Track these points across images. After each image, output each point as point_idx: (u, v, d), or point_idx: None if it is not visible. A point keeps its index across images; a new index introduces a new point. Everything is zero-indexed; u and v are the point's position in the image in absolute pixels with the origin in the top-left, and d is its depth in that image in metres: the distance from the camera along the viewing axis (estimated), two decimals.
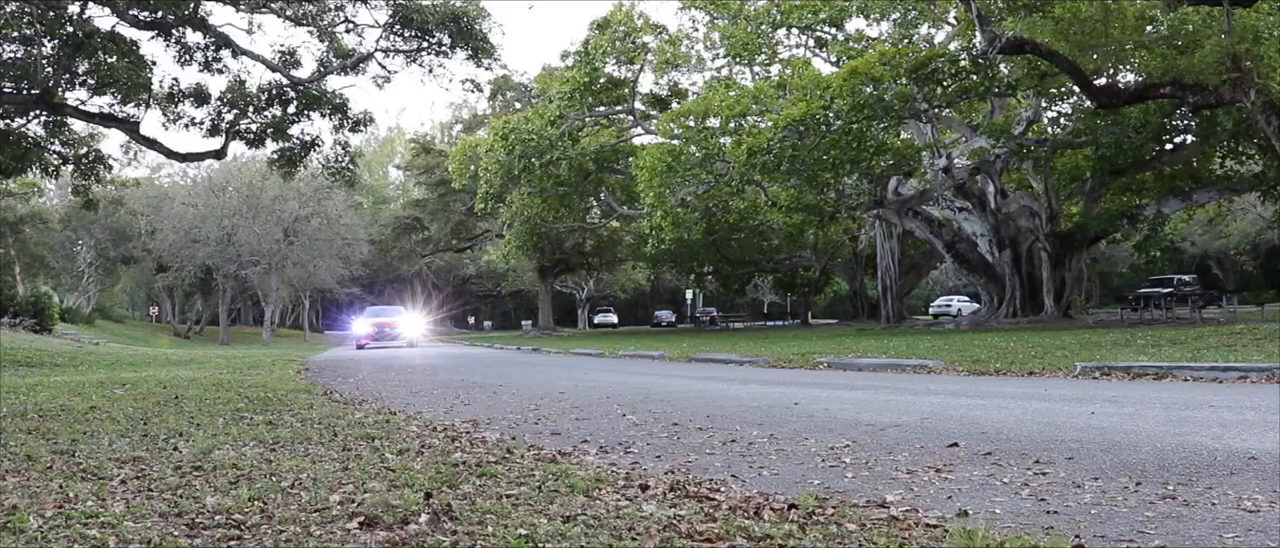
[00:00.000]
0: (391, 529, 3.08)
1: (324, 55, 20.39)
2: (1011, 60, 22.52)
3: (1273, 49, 18.25)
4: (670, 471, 4.17)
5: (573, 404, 7.51)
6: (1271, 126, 16.47)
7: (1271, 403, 6.00)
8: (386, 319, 36.09)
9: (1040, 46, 18.45)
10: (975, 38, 19.62)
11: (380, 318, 36.30)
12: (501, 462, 4.38)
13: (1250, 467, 3.74)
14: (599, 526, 3.01)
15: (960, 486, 3.61)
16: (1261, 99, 16.42)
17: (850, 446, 4.74)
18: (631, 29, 32.10)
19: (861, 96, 22.70)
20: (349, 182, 25.11)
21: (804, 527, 2.92)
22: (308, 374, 13.35)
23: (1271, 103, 16.58)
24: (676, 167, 25.65)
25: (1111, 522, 2.95)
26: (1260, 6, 17.97)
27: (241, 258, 48.02)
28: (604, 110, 34.61)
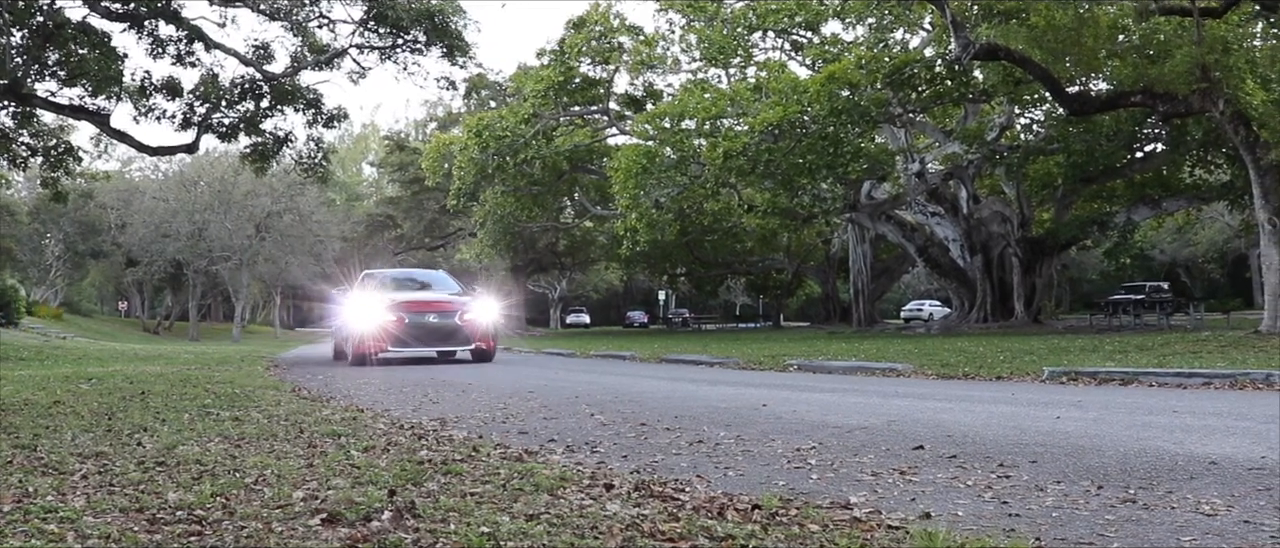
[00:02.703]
0: (354, 526, 3.06)
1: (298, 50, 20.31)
2: (986, 66, 22.65)
3: (1242, 60, 18.40)
4: (636, 470, 4.17)
5: (542, 403, 7.50)
6: (1239, 137, 16.61)
7: (1233, 409, 6.05)
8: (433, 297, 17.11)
9: (1014, 53, 18.54)
10: (950, 43, 19.70)
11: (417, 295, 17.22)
12: (467, 460, 4.37)
13: (1210, 471, 3.77)
14: (562, 524, 3.01)
15: (924, 488, 3.63)
16: (1230, 109, 16.56)
17: (816, 447, 4.74)
18: (608, 29, 32.08)
19: (837, 101, 22.77)
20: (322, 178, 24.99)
21: (766, 527, 2.92)
22: (277, 371, 13.28)
23: (1240, 113, 16.72)
24: (651, 168, 25.66)
25: (1072, 525, 2.97)
26: (1230, 18, 18.13)
27: (212, 253, 47.71)
28: (579, 110, 34.56)
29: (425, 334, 15.51)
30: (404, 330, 15.14)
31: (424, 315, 15.60)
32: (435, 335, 15.70)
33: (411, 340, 15.35)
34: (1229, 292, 53.06)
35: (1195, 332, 18.95)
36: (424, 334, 15.49)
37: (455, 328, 15.65)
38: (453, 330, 15.66)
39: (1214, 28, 17.51)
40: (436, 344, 15.92)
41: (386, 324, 15.11)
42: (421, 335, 15.45)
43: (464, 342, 15.82)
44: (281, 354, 20.54)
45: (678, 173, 25.94)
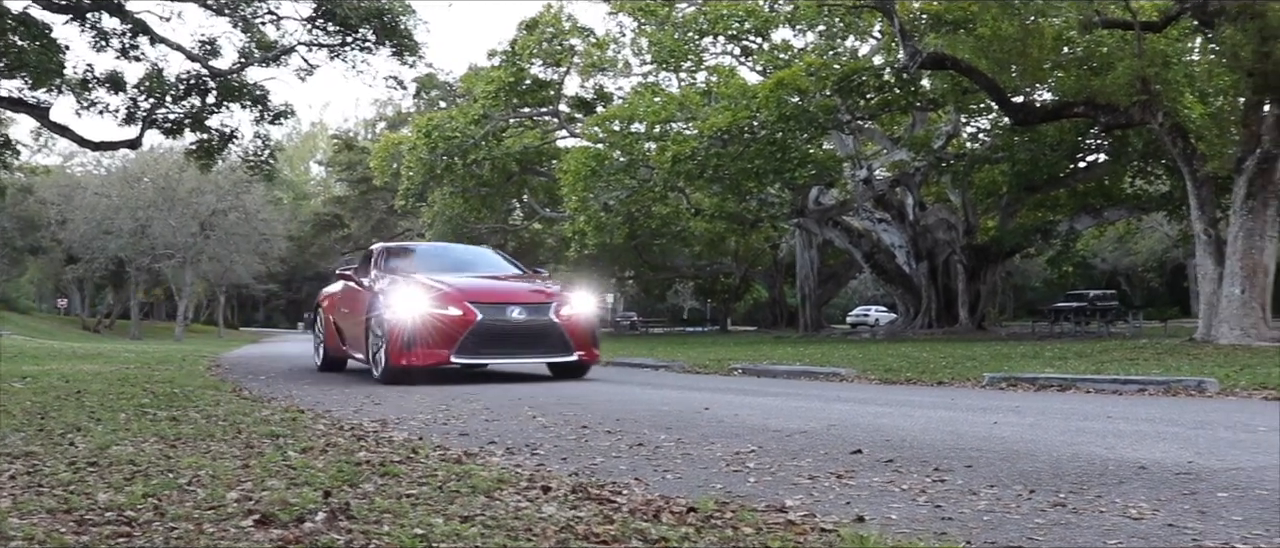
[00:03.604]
0: (286, 527, 3.04)
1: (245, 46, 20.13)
2: (933, 75, 22.88)
3: (1180, 74, 18.76)
4: (575, 473, 4.17)
5: (484, 405, 7.48)
6: (1177, 148, 16.89)
7: (1164, 415, 6.15)
8: (514, 285, 11.75)
9: (960, 63, 18.77)
10: (898, 52, 19.88)
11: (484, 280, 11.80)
12: (405, 461, 4.34)
13: (1139, 476, 3.84)
14: (496, 526, 3.00)
15: (860, 491, 3.66)
16: (1169, 121, 16.85)
17: (756, 451, 4.77)
18: (559, 31, 32.05)
19: (786, 107, 22.92)
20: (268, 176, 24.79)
21: (700, 530, 2.94)
22: (219, 370, 13.11)
23: (1178, 125, 17.02)
24: (600, 171, 25.69)
25: (1002, 528, 3.00)
26: (1169, 33, 18.45)
27: (155, 251, 47.10)
28: (529, 111, 34.51)
29: (506, 337, 10.48)
30: (475, 331, 10.24)
31: (504, 310, 10.51)
32: (520, 339, 10.60)
33: (485, 346, 10.40)
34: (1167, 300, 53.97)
35: (1133, 339, 19.26)
36: (504, 337, 10.47)
37: (549, 329, 10.68)
38: (545, 332, 10.69)
39: (1154, 42, 17.82)
40: (522, 352, 10.77)
41: (443, 321, 10.18)
42: (501, 339, 10.45)
43: (560, 349, 10.76)
44: (225, 354, 20.28)
45: (626, 176, 26.00)
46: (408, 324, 10.11)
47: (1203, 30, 17.99)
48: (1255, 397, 7.51)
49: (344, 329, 12.34)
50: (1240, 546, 2.76)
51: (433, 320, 10.16)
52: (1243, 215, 15.34)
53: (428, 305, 10.25)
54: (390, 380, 10.19)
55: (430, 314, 10.18)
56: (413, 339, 10.09)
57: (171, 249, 46.96)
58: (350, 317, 12.01)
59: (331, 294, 13.41)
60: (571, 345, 10.79)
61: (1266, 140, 15.23)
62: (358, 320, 11.42)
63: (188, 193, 46.47)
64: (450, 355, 10.20)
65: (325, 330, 13.25)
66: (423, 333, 10.11)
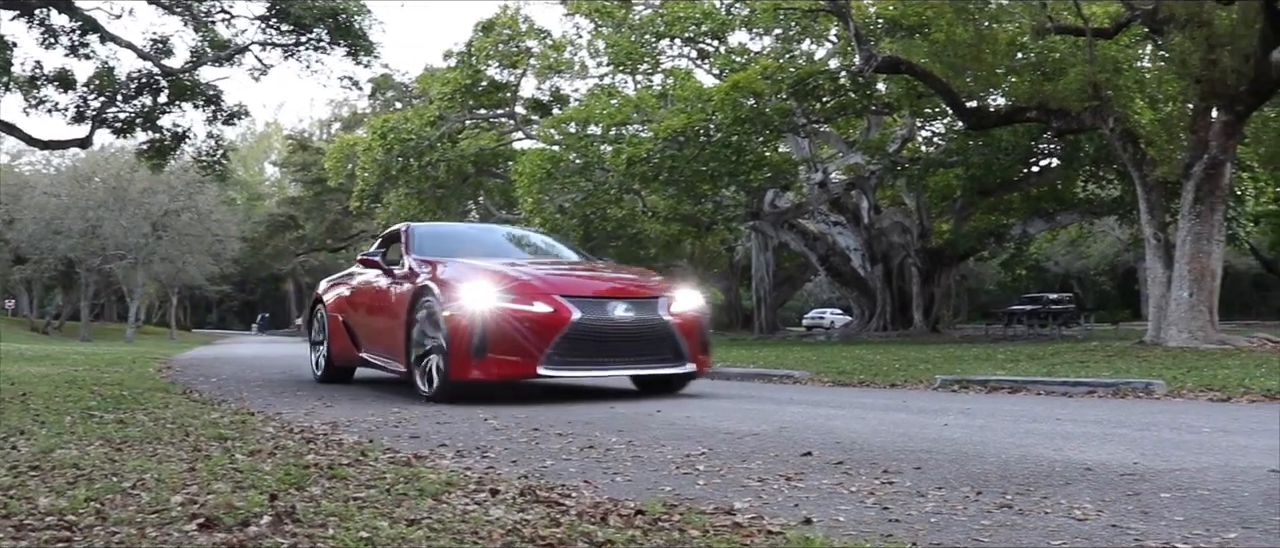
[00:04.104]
0: (231, 531, 3.00)
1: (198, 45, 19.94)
2: (889, 79, 23.03)
3: (1131, 80, 19.00)
4: (524, 475, 4.15)
5: (436, 407, 7.44)
6: (1127, 154, 17.09)
7: (1112, 416, 6.22)
8: (612, 276, 9.23)
9: (915, 67, 18.88)
10: (854, 56, 19.99)
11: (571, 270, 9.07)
12: (354, 464, 4.31)
13: (1085, 477, 3.87)
14: (443, 529, 2.98)
15: (809, 494, 3.66)
16: (1119, 127, 17.04)
17: (706, 453, 4.77)
18: (516, 33, 32.00)
19: (742, 110, 22.99)
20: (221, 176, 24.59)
21: (647, 532, 2.93)
22: (169, 373, 12.97)
23: (1128, 131, 17.21)
24: (556, 173, 25.66)
25: (949, 530, 3.02)
26: (1120, 39, 18.68)
27: (106, 251, 46.46)
28: (485, 113, 34.42)
29: (608, 342, 8.01)
30: (571, 334, 7.75)
31: (605, 306, 8.05)
32: (625, 344, 8.11)
33: (581, 354, 7.87)
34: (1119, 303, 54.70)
35: (1085, 342, 19.46)
36: (606, 341, 7.99)
37: (659, 330, 8.23)
38: (655, 335, 8.22)
39: (1105, 48, 18.02)
40: (625, 361, 8.19)
41: (528, 320, 7.70)
42: (601, 344, 7.97)
43: (671, 357, 8.29)
44: (176, 356, 20.06)
45: (582, 178, 25.98)
46: (479, 324, 7.59)
47: (1153, 37, 18.22)
48: (1201, 398, 7.61)
49: (359, 329, 10.00)
50: (1181, 545, 2.78)
51: (513, 319, 7.64)
52: (1191, 220, 15.53)
53: (506, 300, 7.72)
54: (448, 397, 7.79)
55: (510, 311, 7.66)
56: (485, 344, 7.57)
57: (123, 250, 46.35)
58: (373, 314, 9.70)
59: (339, 287, 10.95)
60: (684, 352, 8.28)
61: (1214, 146, 15.43)
62: (388, 319, 9.04)
63: (139, 193, 45.89)
64: (537, 367, 7.63)
65: (330, 332, 10.67)
66: (500, 336, 7.59)
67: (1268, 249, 43.74)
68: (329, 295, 11.16)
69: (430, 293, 8.17)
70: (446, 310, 7.79)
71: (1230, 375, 8.92)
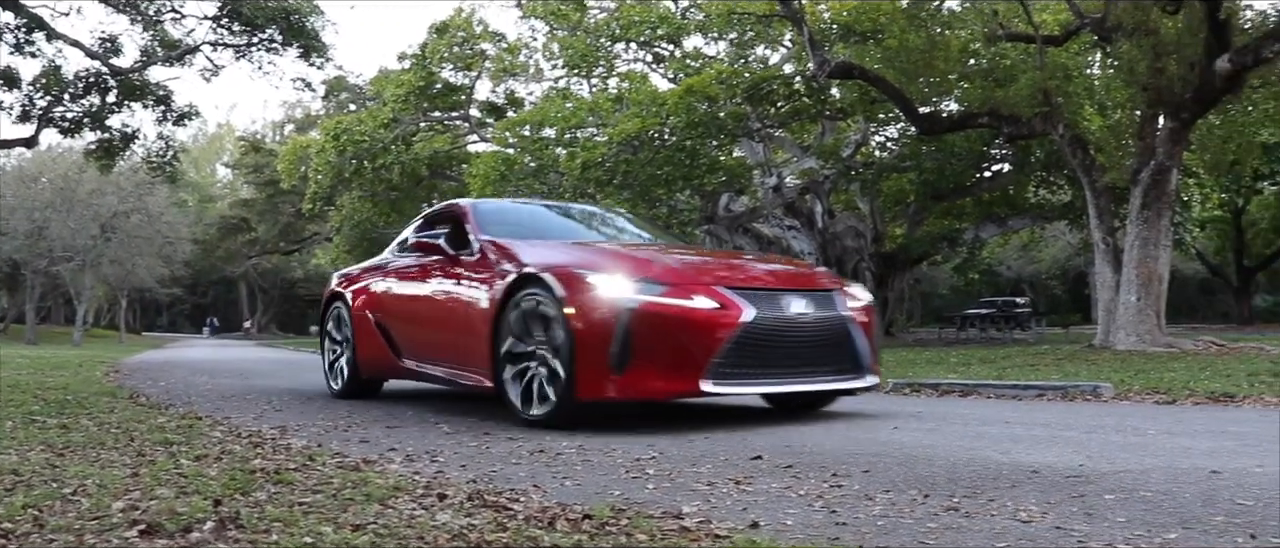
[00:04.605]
0: (173, 537, 2.96)
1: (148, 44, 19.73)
2: (843, 85, 23.15)
3: (1081, 87, 19.22)
4: (473, 480, 4.14)
5: (386, 411, 7.40)
6: (1077, 159, 17.29)
7: (1060, 419, 6.28)
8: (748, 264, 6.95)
9: (868, 73, 19.01)
10: (808, 61, 20.09)
11: (698, 257, 7.09)
12: (301, 469, 4.27)
13: (1032, 480, 3.90)
14: (388, 534, 2.96)
15: (758, 497, 3.67)
16: (1069, 133, 17.24)
17: (656, 457, 4.77)
18: (470, 35, 31.89)
19: (696, 114, 23.02)
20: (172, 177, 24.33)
21: (594, 537, 2.93)
22: (117, 376, 12.81)
23: (1078, 137, 17.41)
24: (510, 176, 25.57)
25: (896, 533, 3.03)
26: (1070, 47, 18.91)
27: (53, 253, 45.76)
28: (439, 115, 34.26)
29: (786, 348, 6.22)
30: (743, 338, 5.96)
31: (779, 301, 6.28)
32: (805, 351, 6.33)
33: (755, 364, 6.06)
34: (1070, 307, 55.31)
35: (1036, 345, 19.66)
36: (784, 347, 6.21)
37: (840, 333, 6.49)
38: (836, 338, 6.48)
39: (1056, 55, 18.25)
40: (804, 373, 6.33)
41: (687, 320, 5.92)
42: (779, 351, 6.19)
43: (850, 367, 6.54)
44: (125, 360, 19.81)
45: (536, 181, 25.90)
46: (621, 326, 5.76)
47: (1102, 45, 18.45)
48: (1147, 401, 7.71)
49: (402, 332, 8.18)
50: (1122, 546, 2.81)
51: (668, 319, 5.83)
52: (1138, 225, 15.73)
53: (655, 292, 5.91)
54: (570, 422, 6.01)
55: (662, 308, 5.85)
56: (629, 352, 5.76)
57: (70, 252, 45.67)
58: (428, 313, 7.79)
59: (370, 279, 8.96)
60: (865, 360, 6.57)
61: (1160, 153, 15.64)
62: (458, 319, 7.19)
63: (88, 194, 45.23)
64: (701, 381, 5.79)
65: (355, 335, 8.81)
66: (649, 341, 5.79)
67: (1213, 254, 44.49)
68: (354, 290, 9.10)
69: (537, 284, 6.27)
70: (569, 307, 5.92)
71: (1176, 378, 9.04)
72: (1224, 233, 41.73)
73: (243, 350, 32.75)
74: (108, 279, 51.79)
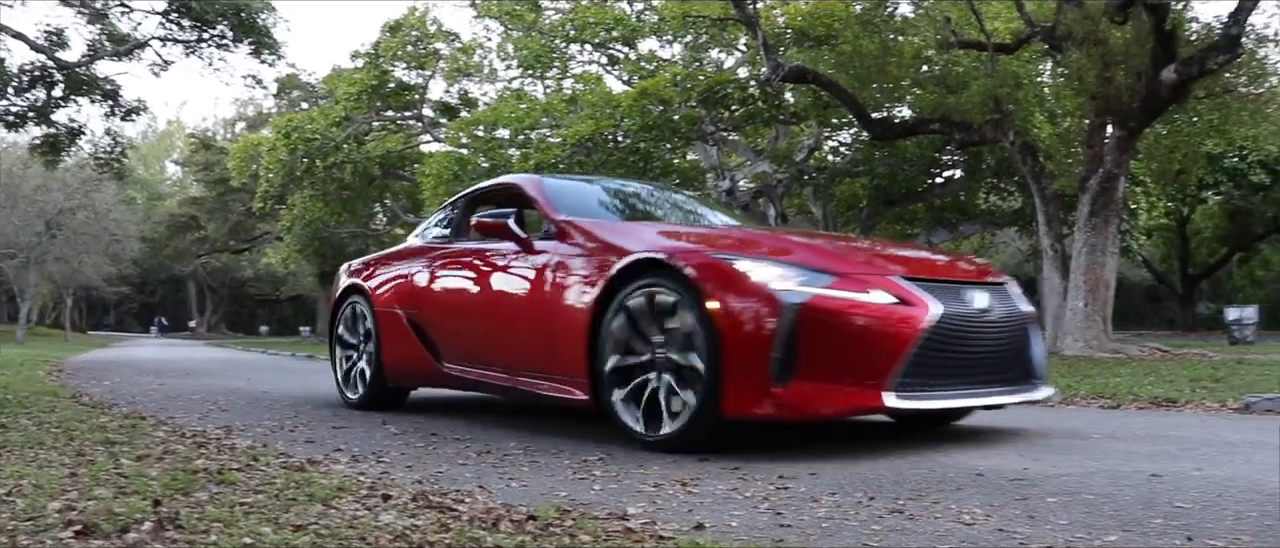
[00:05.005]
0: (109, 538, 2.91)
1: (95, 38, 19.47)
2: (796, 89, 23.26)
3: (1031, 95, 19.45)
4: (419, 481, 4.11)
5: (334, 412, 7.33)
6: (1027, 166, 17.48)
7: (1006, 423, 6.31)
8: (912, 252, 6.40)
9: (822, 77, 19.11)
10: (762, 65, 20.18)
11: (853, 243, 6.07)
12: (245, 469, 4.22)
13: (976, 482, 3.93)
14: (330, 535, 2.93)
15: (704, 499, 3.67)
16: (1019, 140, 17.43)
17: (603, 458, 4.76)
18: (424, 34, 31.73)
19: (650, 117, 23.04)
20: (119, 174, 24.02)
21: (537, 538, 2.91)
22: (60, 376, 12.62)
23: (1028, 144, 17.61)
24: (463, 176, 25.43)
25: (840, 534, 3.04)
26: (1021, 55, 19.11)
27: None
28: (393, 115, 34.05)
29: (974, 352, 5.15)
30: (932, 340, 4.81)
31: (962, 295, 5.15)
32: (992, 357, 5.28)
33: (943, 372, 4.94)
34: None
35: None
36: (971, 351, 5.13)
37: (1023, 335, 5.51)
38: (1019, 342, 5.48)
39: (1007, 63, 18.45)
40: (989, 383, 5.23)
41: (864, 318, 4.72)
42: (967, 356, 5.10)
43: (1027, 375, 5.53)
44: (70, 359, 19.52)
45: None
46: (785, 326, 4.61)
47: (1052, 54, 18.67)
48: (1093, 406, 7.79)
49: (444, 332, 6.96)
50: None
51: (843, 318, 4.70)
52: (1086, 232, 15.93)
53: (821, 284, 4.77)
54: (706, 443, 4.92)
55: (835, 305, 4.71)
56: (794, 358, 4.62)
57: (14, 249, 44.92)
58: (486, 309, 6.55)
59: (399, 266, 7.66)
60: (1042, 369, 5.64)
61: (1108, 161, 15.85)
62: (534, 315, 5.94)
63: (32, 190, 44.48)
64: (883, 394, 4.69)
65: (381, 335, 7.52)
66: (820, 345, 4.67)
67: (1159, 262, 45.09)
68: (377, 284, 7.78)
69: (658, 273, 5.08)
70: (713, 301, 4.75)
71: (1121, 383, 9.14)
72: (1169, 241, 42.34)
73: (191, 350, 32.39)
74: (53, 277, 51.00)
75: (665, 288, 5.00)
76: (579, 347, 5.39)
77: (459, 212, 7.62)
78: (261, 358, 24.70)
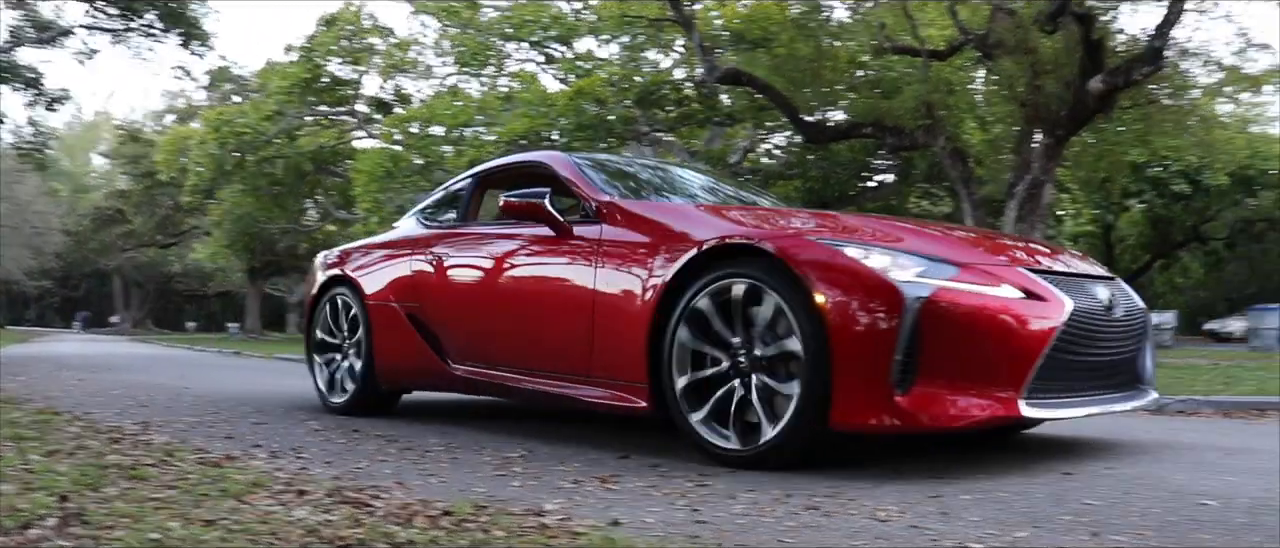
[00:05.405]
0: (9, 535, 2.84)
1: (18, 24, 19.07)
2: (732, 92, 23.37)
3: (963, 101, 19.70)
4: (336, 477, 4.05)
5: (256, 408, 7.23)
6: (957, 171, 17.71)
7: None
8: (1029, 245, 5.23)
9: (756, 80, 19.22)
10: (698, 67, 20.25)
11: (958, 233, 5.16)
12: (159, 465, 4.15)
13: (892, 480, 3.98)
14: (240, 530, 2.88)
15: (622, 496, 3.67)
16: (950, 145, 17.65)
17: (525, 455, 4.75)
18: (359, 29, 31.42)
19: (585, 116, 23.00)
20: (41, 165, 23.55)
21: (451, 533, 2.89)
22: None
23: (958, 150, 17.85)
24: (396, 173, 25.23)
25: (755, 531, 3.05)
26: (954, 62, 19.36)
27: None
28: (326, 110, 33.65)
29: (1102, 352, 4.52)
30: (1065, 343, 4.20)
31: (1087, 286, 4.59)
32: (1116, 359, 4.66)
33: (1076, 375, 4.39)
34: None
35: None
36: (1101, 352, 4.51)
37: (1140, 332, 4.91)
38: (1140, 337, 4.89)
39: (940, 69, 18.66)
40: (1110, 384, 4.66)
41: (995, 316, 4.06)
42: (1098, 352, 4.48)
43: (1140, 375, 4.93)
44: None
45: (422, 179, 25.60)
46: (908, 324, 3.96)
47: (984, 61, 18.93)
48: None
49: (457, 329, 6.15)
50: (974, 544, 2.86)
51: (973, 315, 4.07)
52: None
53: (944, 277, 4.14)
54: (806, 457, 4.30)
55: (963, 298, 4.07)
56: (916, 361, 3.98)
57: None
58: (518, 304, 5.66)
59: (396, 258, 6.73)
60: (1150, 372, 5.05)
61: (1036, 167, 16.10)
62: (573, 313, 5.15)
63: None
64: (1020, 402, 4.08)
65: (378, 333, 6.63)
66: (948, 346, 4.03)
67: None
68: (369, 272, 6.89)
69: (747, 260, 4.40)
70: (820, 294, 4.08)
71: None
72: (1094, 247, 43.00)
73: (114, 346, 31.83)
74: None
75: (753, 278, 4.33)
76: (638, 347, 4.73)
77: (467, 193, 6.78)
78: (187, 354, 24.35)
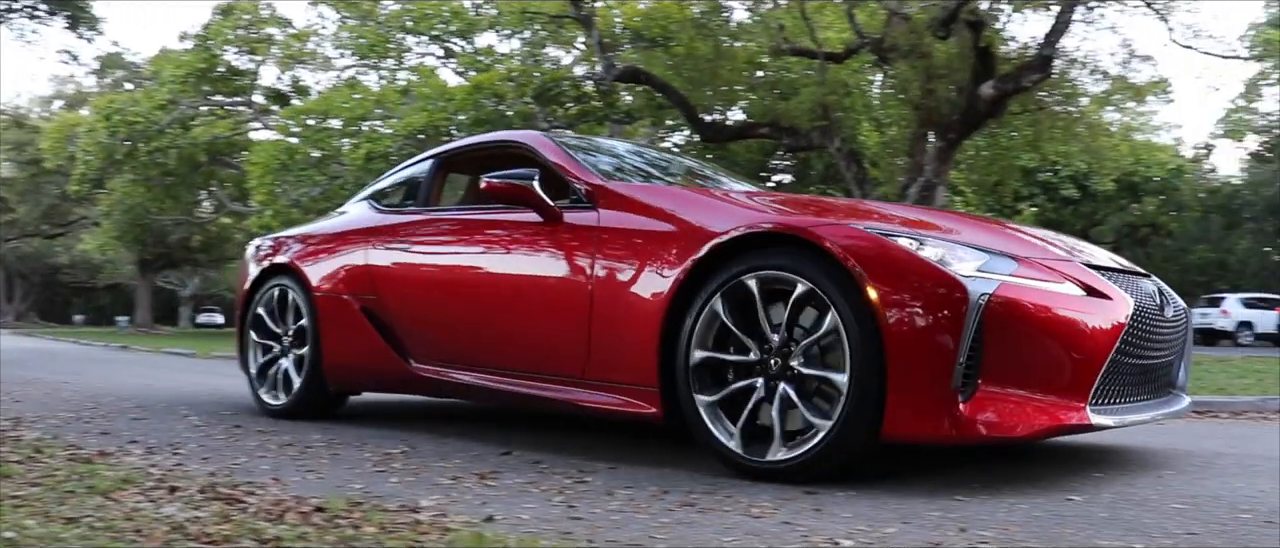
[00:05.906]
0: None
1: None
2: (632, 89, 23.44)
3: (859, 103, 20.01)
4: (212, 473, 3.99)
5: (138, 404, 7.07)
6: (851, 172, 17.99)
7: None
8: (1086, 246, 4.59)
9: (654, 78, 19.32)
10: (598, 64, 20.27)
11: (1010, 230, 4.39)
12: (26, 461, 4.04)
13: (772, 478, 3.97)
14: (104, 527, 2.82)
15: (500, 492, 3.67)
16: (845, 147, 17.92)
17: (406, 452, 4.72)
18: (257, 19, 30.86)
19: (484, 111, 22.89)
20: None
21: (321, 530, 2.86)
22: None
23: (853, 151, 18.13)
24: (291, 165, 24.82)
25: (628, 527, 3.08)
26: (851, 64, 19.66)
27: None
28: (221, 100, 32.97)
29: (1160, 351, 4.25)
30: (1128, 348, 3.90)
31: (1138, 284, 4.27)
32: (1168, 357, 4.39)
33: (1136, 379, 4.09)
34: None
35: None
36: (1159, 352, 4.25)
37: (1188, 332, 4.69)
38: (1186, 340, 4.68)
39: (837, 72, 18.94)
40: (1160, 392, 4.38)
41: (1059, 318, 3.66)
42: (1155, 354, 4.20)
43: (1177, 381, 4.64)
44: None
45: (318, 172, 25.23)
46: (970, 325, 3.52)
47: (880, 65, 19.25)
48: None
49: (422, 325, 5.56)
50: (844, 540, 2.91)
51: (1039, 314, 3.66)
52: None
53: (1005, 272, 3.71)
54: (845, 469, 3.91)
55: (1028, 296, 3.65)
56: (978, 364, 3.58)
57: None
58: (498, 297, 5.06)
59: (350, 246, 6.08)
60: (1185, 377, 4.78)
61: (928, 170, 16.43)
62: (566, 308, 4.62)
63: None
64: (1087, 408, 3.71)
65: (326, 328, 5.98)
66: (1013, 348, 3.62)
67: None
68: (316, 261, 6.24)
69: (779, 251, 3.95)
70: (872, 289, 3.64)
71: None
72: None
73: None
74: None
75: (788, 270, 3.87)
76: (647, 348, 4.26)
77: (427, 176, 6.15)
78: (72, 348, 23.70)
